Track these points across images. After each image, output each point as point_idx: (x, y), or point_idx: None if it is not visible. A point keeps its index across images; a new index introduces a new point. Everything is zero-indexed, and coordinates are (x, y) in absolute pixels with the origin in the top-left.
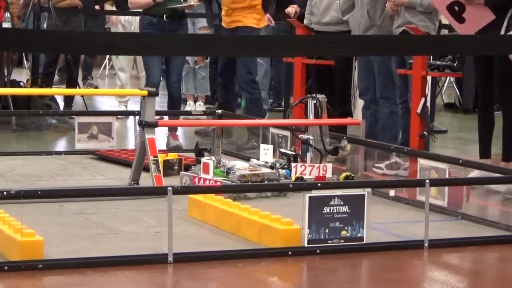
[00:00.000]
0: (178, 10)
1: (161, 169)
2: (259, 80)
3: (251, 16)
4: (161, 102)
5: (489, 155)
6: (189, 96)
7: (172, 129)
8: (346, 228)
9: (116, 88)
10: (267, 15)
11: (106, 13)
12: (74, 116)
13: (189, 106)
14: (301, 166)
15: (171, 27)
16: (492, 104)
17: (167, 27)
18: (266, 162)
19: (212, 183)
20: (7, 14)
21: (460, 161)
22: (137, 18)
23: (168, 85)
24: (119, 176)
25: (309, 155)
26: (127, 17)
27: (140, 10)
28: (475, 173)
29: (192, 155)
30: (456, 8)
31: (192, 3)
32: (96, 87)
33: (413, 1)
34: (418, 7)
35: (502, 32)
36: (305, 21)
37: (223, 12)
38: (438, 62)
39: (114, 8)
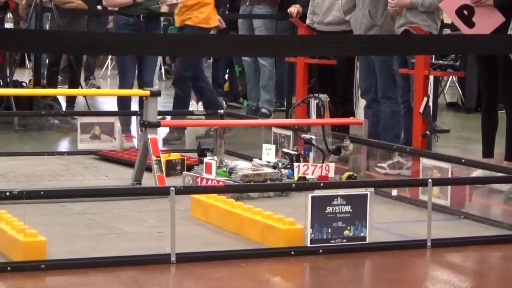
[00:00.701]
0: (154, 11)
1: (163, 169)
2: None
3: (200, 16)
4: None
5: (492, 155)
6: (192, 96)
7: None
8: (348, 227)
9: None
10: (218, 16)
11: (108, 13)
12: (76, 117)
13: (192, 106)
14: (303, 166)
15: (148, 27)
16: (496, 104)
17: (144, 27)
18: (269, 162)
19: (214, 183)
20: (9, 14)
21: (463, 160)
22: None
23: (143, 86)
24: (122, 176)
25: (311, 154)
26: None
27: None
28: (477, 173)
29: (195, 155)
30: (465, 12)
31: (174, 1)
32: (98, 88)
33: (415, 2)
34: (420, 7)
35: (509, 33)
36: (307, 21)
37: (176, 10)
38: (441, 62)
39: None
